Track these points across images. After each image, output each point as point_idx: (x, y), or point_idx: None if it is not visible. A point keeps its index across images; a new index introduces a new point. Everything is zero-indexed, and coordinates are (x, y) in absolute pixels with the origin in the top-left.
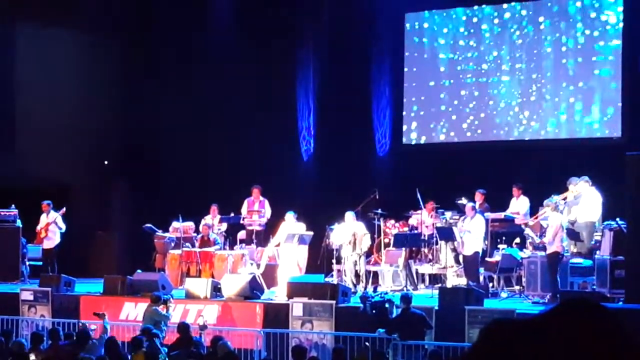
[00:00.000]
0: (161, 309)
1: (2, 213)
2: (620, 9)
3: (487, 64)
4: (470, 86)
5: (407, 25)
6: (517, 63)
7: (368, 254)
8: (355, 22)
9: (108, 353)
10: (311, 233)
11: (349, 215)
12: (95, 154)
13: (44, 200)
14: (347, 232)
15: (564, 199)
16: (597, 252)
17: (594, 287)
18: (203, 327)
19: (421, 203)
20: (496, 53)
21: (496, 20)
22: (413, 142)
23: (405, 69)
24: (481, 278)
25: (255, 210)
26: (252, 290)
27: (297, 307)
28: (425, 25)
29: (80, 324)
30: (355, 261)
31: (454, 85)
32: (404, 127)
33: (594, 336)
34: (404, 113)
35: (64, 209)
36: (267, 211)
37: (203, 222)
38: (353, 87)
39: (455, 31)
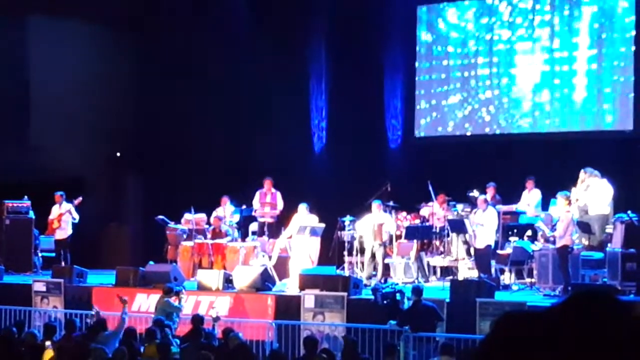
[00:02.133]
0: (173, 300)
1: (15, 204)
2: None
3: (499, 57)
4: (483, 79)
5: (419, 17)
6: (529, 56)
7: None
8: (368, 15)
9: (125, 343)
10: (323, 225)
11: (374, 205)
12: (107, 146)
13: (56, 192)
14: (371, 223)
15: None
16: (609, 244)
17: (605, 279)
18: (216, 319)
19: (433, 195)
20: (508, 46)
21: (508, 14)
22: (425, 135)
23: (417, 62)
24: (492, 270)
25: (268, 202)
26: (264, 282)
27: (308, 298)
28: (437, 17)
29: (95, 311)
30: (374, 252)
31: (466, 78)
32: (416, 120)
33: (607, 328)
34: (416, 106)
35: (80, 198)
36: (280, 203)
37: (214, 214)
38: (365, 80)
39: (467, 24)
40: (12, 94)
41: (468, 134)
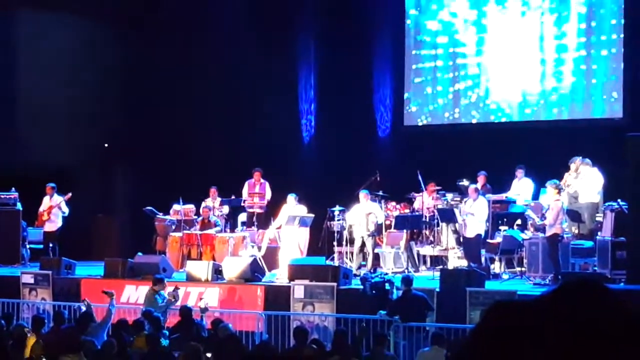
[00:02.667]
0: (163, 291)
1: (3, 196)
2: None
3: (488, 45)
4: (472, 67)
5: (408, 6)
6: (519, 44)
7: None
8: (356, 4)
9: (115, 335)
10: (312, 215)
11: (361, 195)
12: (95, 137)
13: (48, 183)
14: (360, 213)
15: (566, 184)
16: (599, 233)
17: (595, 268)
18: (204, 310)
19: (422, 185)
20: (498, 34)
21: (500, 1)
22: (414, 124)
23: (407, 50)
24: (482, 260)
25: (256, 192)
26: (253, 273)
27: (298, 289)
28: (426, 6)
29: (85, 303)
30: (363, 242)
31: (455, 67)
32: (405, 109)
33: (597, 316)
34: (405, 94)
35: (70, 194)
36: (268, 193)
37: (203, 204)
38: (354, 69)
39: (457, 12)
40: None
41: (457, 122)
